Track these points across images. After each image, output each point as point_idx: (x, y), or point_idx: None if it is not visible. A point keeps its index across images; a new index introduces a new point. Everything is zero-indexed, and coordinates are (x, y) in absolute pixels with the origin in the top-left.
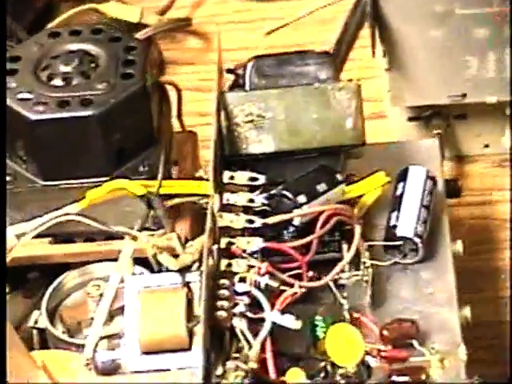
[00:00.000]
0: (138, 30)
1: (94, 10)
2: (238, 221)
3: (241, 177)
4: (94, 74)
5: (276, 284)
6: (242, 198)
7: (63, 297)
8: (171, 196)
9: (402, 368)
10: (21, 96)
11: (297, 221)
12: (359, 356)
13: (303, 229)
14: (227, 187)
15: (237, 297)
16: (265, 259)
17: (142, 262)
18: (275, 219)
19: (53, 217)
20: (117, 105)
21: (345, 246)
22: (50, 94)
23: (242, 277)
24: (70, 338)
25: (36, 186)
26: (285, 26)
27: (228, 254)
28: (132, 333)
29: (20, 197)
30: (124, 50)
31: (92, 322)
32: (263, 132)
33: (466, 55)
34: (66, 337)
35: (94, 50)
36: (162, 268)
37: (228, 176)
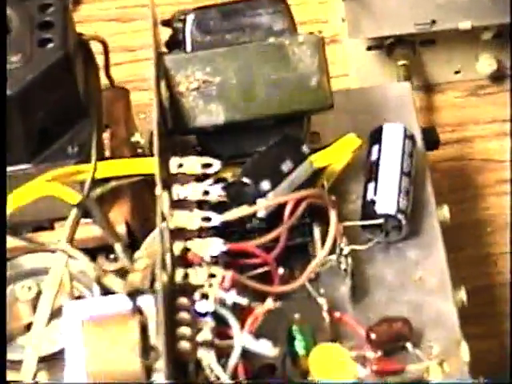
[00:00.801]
0: None
1: None
2: (193, 220)
3: (192, 164)
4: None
5: (245, 301)
6: (195, 191)
7: None
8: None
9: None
10: None
11: (261, 213)
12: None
13: (269, 218)
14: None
15: (199, 319)
16: (227, 262)
17: None
18: (235, 214)
19: None
20: (36, 80)
21: (317, 230)
22: None
23: (204, 293)
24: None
25: None
26: None
27: (184, 262)
28: (77, 368)
29: None
30: (39, 9)
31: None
32: (212, 100)
33: None
34: None
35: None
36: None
37: (176, 164)
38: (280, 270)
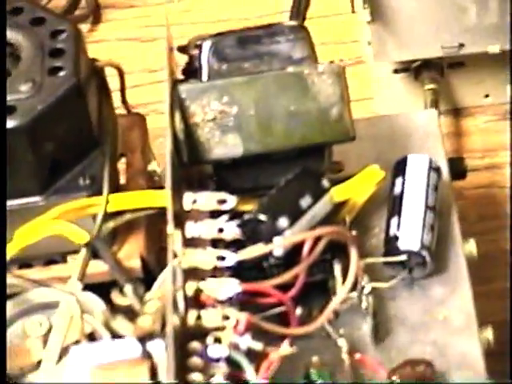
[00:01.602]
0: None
1: None
2: (207, 259)
3: (206, 200)
4: (16, 71)
5: (260, 346)
6: (210, 229)
7: None
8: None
9: None
10: None
11: (278, 251)
12: None
13: (286, 256)
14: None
15: (212, 363)
16: (242, 301)
17: None
18: (251, 253)
19: None
20: (46, 110)
21: (337, 266)
22: None
23: (217, 337)
24: None
25: None
26: None
27: (197, 303)
28: None
29: None
30: (50, 36)
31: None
32: (229, 132)
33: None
34: None
35: (14, 38)
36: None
37: (190, 200)
38: (298, 311)
